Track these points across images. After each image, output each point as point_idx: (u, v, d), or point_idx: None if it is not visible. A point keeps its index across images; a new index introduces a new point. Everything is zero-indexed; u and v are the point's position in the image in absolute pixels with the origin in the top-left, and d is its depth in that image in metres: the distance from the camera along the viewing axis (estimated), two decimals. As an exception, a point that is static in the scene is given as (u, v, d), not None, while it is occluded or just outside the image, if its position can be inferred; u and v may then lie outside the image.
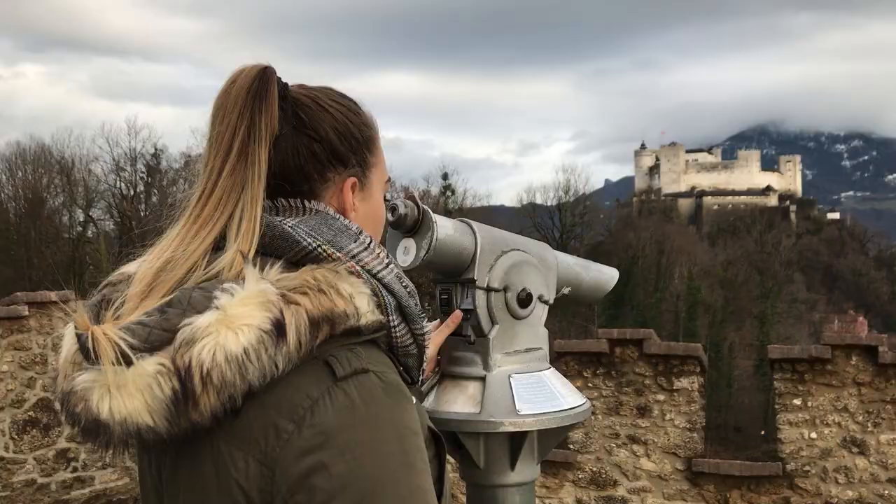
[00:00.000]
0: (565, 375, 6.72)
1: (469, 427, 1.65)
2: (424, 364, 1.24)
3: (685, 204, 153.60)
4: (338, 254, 1.11)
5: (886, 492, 6.52)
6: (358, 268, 1.11)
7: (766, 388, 47.46)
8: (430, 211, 1.60)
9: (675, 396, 7.29)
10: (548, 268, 1.82)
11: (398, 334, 1.14)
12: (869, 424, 6.60)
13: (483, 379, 1.69)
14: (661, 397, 7.35)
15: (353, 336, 1.06)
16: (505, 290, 1.70)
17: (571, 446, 7.68)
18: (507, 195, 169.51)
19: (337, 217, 1.17)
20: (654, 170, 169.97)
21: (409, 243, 1.62)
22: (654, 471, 7.39)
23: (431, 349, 1.64)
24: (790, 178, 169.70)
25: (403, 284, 1.16)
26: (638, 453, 7.46)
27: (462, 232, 1.67)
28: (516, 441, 1.66)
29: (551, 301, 1.81)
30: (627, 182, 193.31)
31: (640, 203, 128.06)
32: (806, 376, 6.84)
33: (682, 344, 7.32)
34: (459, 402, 1.68)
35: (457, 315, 1.69)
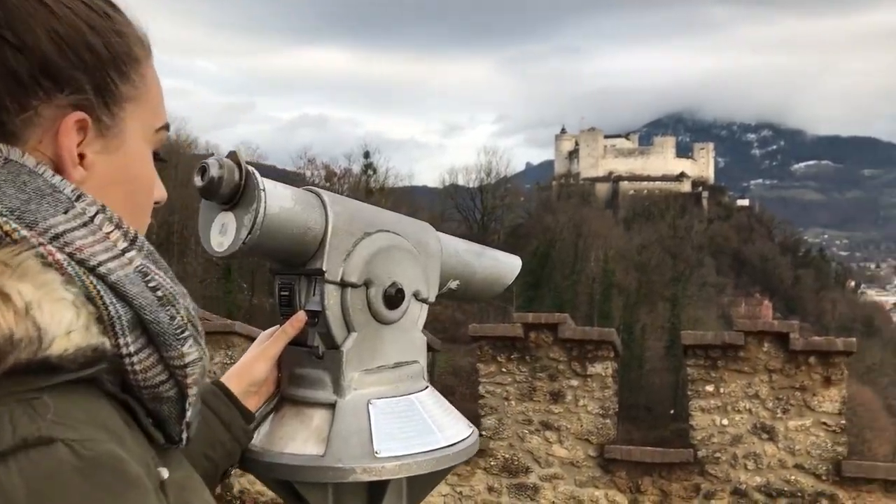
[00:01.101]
0: (479, 360, 6.31)
1: (309, 475, 1.21)
2: (190, 414, 0.78)
3: (603, 188, 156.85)
4: (24, 231, 0.68)
5: (793, 477, 6.55)
6: (60, 256, 0.69)
7: (677, 368, 49.01)
8: (256, 174, 1.16)
9: (589, 382, 7.16)
10: (428, 255, 1.40)
11: (139, 367, 0.72)
12: (778, 411, 6.61)
13: (333, 406, 1.25)
14: (574, 383, 7.20)
15: (37, 375, 0.64)
16: (367, 284, 1.27)
17: (484, 433, 7.47)
18: (429, 176, 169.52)
19: (39, 172, 0.73)
20: (573, 154, 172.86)
21: (228, 219, 1.18)
22: (566, 457, 7.25)
23: (261, 367, 1.27)
24: (703, 165, 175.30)
25: (152, 286, 0.74)
26: (551, 440, 7.31)
27: (306, 205, 1.23)
28: (375, 492, 1.23)
29: (432, 299, 1.39)
30: (548, 166, 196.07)
31: (560, 187, 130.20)
32: (719, 363, 6.80)
33: (597, 329, 7.19)
34: (299, 438, 1.25)
35: (299, 318, 1.26)
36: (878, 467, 6.36)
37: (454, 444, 1.28)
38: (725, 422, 6.75)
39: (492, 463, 7.44)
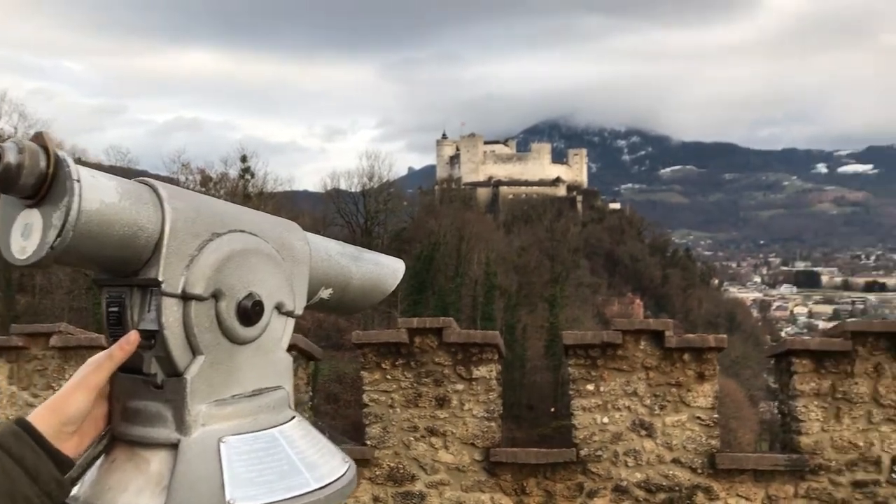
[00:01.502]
0: (363, 368, 5.99)
1: None
2: None
3: (483, 193, 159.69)
4: None
5: (671, 472, 6.74)
6: None
7: (556, 367, 50.34)
8: (69, 161, 0.93)
9: (474, 385, 7.13)
10: (294, 260, 1.17)
11: None
12: (656, 407, 6.79)
13: (175, 446, 1.02)
14: (459, 387, 7.15)
15: None
16: (216, 296, 1.04)
17: (368, 442, 7.29)
18: (311, 180, 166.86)
19: None
20: (454, 159, 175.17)
21: (33, 218, 0.94)
22: (452, 463, 7.18)
23: (80, 400, 1.01)
24: (577, 170, 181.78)
25: None
26: (436, 446, 7.22)
27: (137, 200, 1.00)
28: None
29: (298, 311, 1.17)
30: (430, 171, 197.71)
31: (442, 191, 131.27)
32: (598, 361, 6.91)
33: (481, 332, 7.17)
34: (133, 488, 1.00)
35: (130, 340, 1.03)
36: (749, 458, 6.64)
37: (326, 485, 1.08)
38: (606, 420, 6.87)
39: (377, 472, 7.28)
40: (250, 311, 1.06)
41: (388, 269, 1.45)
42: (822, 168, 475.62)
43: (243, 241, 1.09)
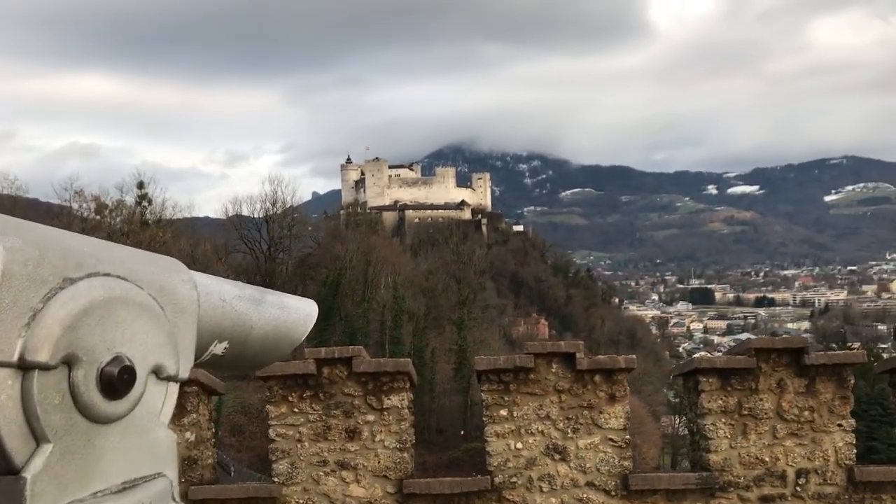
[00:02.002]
0: (268, 402, 5.54)
1: None
2: None
3: (389, 217, 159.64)
4: None
5: (585, 495, 6.70)
6: None
7: (465, 389, 50.40)
8: None
9: (386, 416, 6.91)
10: (178, 309, 0.93)
11: None
12: (569, 431, 6.75)
13: None
14: (370, 417, 6.91)
15: None
16: (69, 363, 0.79)
17: (276, 479, 6.95)
18: (212, 206, 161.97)
19: None
20: (360, 183, 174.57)
21: None
22: (364, 497, 6.92)
23: None
24: (481, 193, 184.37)
25: None
26: (347, 480, 6.94)
27: None
28: None
29: (184, 375, 0.94)
30: (336, 195, 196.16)
31: (348, 216, 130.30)
32: (511, 386, 6.83)
33: (392, 360, 6.97)
34: None
35: None
36: (661, 478, 6.68)
37: None
38: (520, 445, 6.78)
39: (285, 511, 6.93)
40: (117, 381, 0.82)
41: (298, 314, 1.19)
42: (712, 189, 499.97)
43: (107, 288, 0.83)
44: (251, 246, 71.04)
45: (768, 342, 6.62)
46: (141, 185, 50.55)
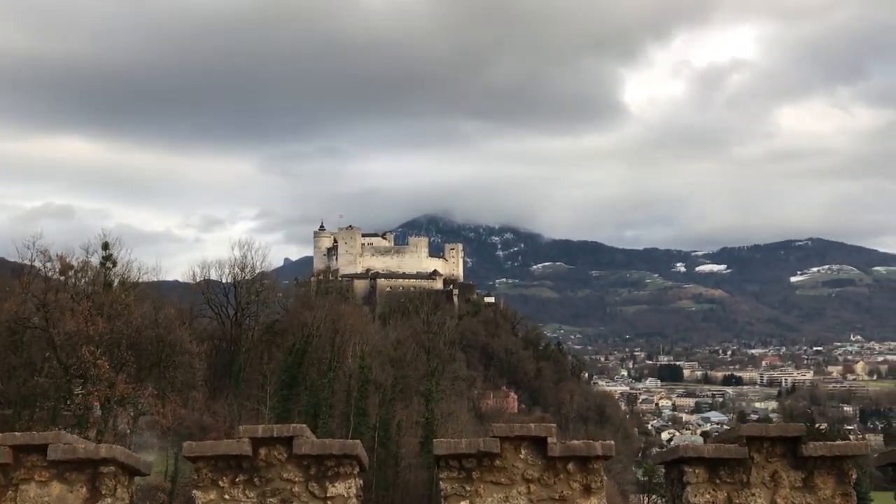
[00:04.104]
0: (196, 486, 4.43)
1: None
2: None
3: (361, 285, 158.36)
4: None
5: None
6: None
7: (431, 464, 48.73)
8: None
9: (330, 506, 6.04)
10: None
11: None
12: (538, 527, 5.93)
13: None
14: (312, 508, 6.04)
15: None
16: None
17: (200, 578, 6.00)
18: (183, 270, 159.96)
19: None
20: (332, 251, 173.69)
21: None
22: None
23: None
24: (454, 264, 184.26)
25: None
26: (284, 579, 6.02)
27: None
28: None
29: None
30: (308, 262, 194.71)
31: (318, 283, 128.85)
32: (473, 474, 6.03)
33: (339, 441, 6.14)
34: None
35: None
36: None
37: None
38: (482, 543, 5.93)
39: None
40: None
41: None
42: (681, 267, 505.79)
43: None
44: (217, 311, 69.38)
45: (761, 429, 5.93)
46: (106, 246, 49.29)
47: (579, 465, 5.95)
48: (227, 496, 6.07)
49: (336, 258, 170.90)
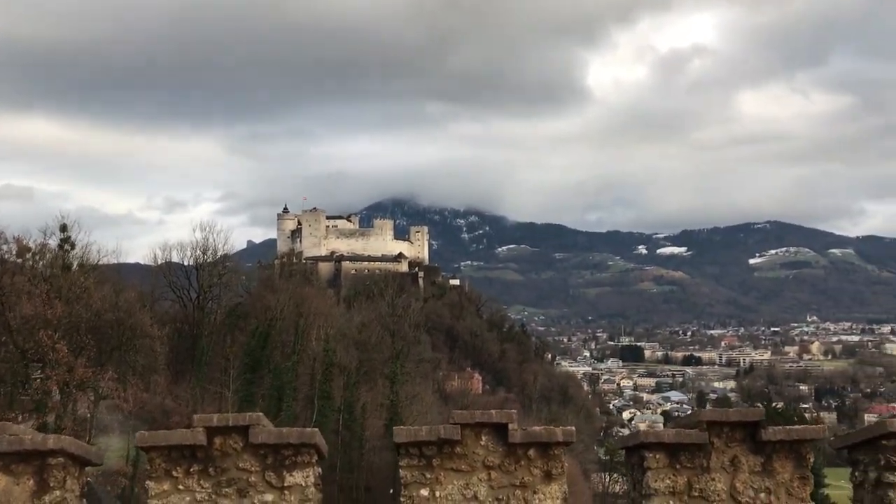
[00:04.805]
0: (149, 476, 4.28)
1: None
2: None
3: (325, 267, 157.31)
4: None
5: (516, 591, 5.81)
6: None
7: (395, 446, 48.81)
8: None
9: (287, 495, 5.92)
10: None
11: None
12: (499, 514, 5.88)
13: None
14: (269, 497, 5.92)
15: None
16: None
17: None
18: (143, 253, 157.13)
19: None
20: (296, 233, 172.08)
21: None
22: (259, 591, 5.88)
23: None
24: (419, 247, 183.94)
25: None
26: (240, 570, 5.90)
27: None
28: None
29: None
30: (271, 244, 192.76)
31: (282, 265, 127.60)
32: (434, 461, 5.95)
33: (297, 430, 6.01)
34: None
35: None
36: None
37: None
38: (443, 531, 5.87)
39: None
40: None
41: None
42: (642, 249, 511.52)
43: None
44: (179, 294, 68.34)
45: (721, 414, 5.94)
46: (64, 228, 48.11)
47: (540, 452, 5.91)
48: (181, 486, 5.92)
49: (300, 241, 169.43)
